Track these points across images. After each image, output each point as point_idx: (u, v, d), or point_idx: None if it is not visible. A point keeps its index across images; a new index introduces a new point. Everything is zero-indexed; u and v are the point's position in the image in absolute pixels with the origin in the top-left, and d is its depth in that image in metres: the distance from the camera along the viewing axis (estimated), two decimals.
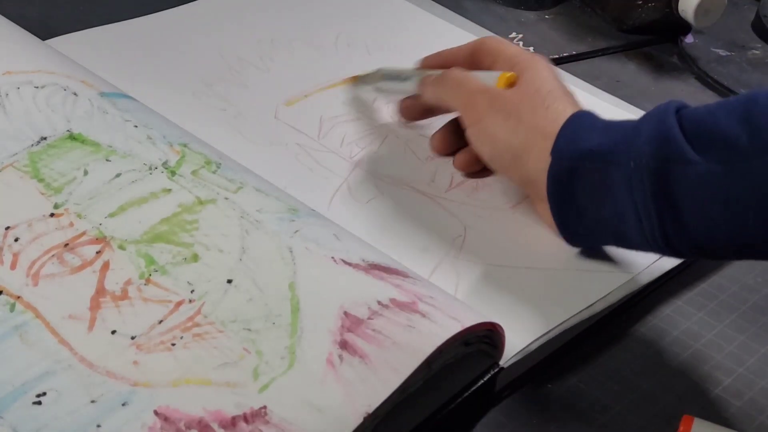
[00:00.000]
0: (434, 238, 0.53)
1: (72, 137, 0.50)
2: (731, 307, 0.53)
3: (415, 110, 0.59)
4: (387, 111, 0.62)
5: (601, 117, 0.49)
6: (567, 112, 0.49)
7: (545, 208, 0.50)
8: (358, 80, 0.63)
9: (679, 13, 0.74)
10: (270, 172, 0.53)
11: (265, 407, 0.38)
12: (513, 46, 0.55)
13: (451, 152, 0.58)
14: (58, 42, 0.65)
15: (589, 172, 0.47)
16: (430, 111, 0.58)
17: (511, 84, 0.52)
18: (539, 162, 0.49)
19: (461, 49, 0.58)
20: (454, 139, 0.57)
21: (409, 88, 0.58)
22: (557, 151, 0.48)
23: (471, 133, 0.53)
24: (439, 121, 0.59)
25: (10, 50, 0.56)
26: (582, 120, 0.49)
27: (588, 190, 0.47)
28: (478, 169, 0.57)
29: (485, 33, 0.74)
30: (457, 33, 0.74)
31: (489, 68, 0.55)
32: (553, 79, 0.52)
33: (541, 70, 0.52)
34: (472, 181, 0.58)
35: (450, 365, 0.42)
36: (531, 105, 0.50)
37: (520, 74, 0.52)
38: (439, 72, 0.56)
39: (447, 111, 0.57)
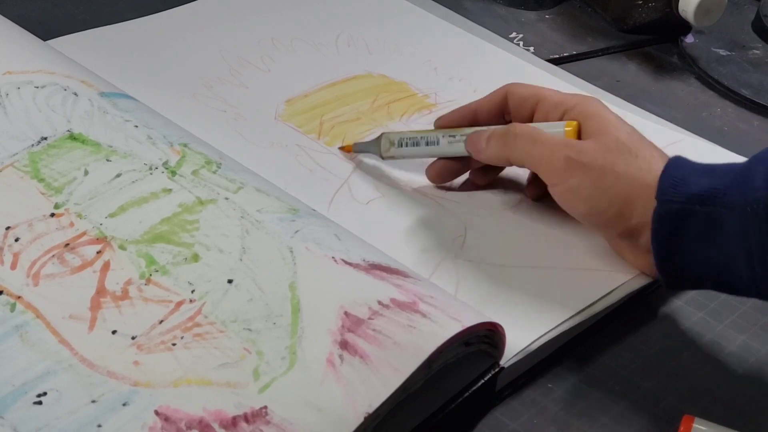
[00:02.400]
0: (434, 238, 0.53)
1: (72, 137, 0.50)
2: (731, 307, 0.53)
3: (450, 172, 0.56)
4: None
5: (693, 160, 0.48)
6: (656, 157, 0.48)
7: (639, 257, 0.50)
8: (354, 149, 0.58)
9: (680, 12, 0.74)
10: (270, 173, 0.53)
11: (265, 407, 0.38)
12: (549, 91, 0.53)
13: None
14: (59, 43, 0.65)
15: (698, 216, 0.46)
16: (465, 168, 0.56)
17: (578, 132, 0.51)
18: (643, 215, 0.47)
19: (485, 102, 0.55)
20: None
21: (441, 151, 0.55)
22: (663, 194, 0.47)
23: (558, 192, 0.50)
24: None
25: (10, 50, 0.56)
26: (682, 164, 0.48)
27: (696, 233, 0.46)
28: (485, 183, 0.57)
29: (486, 33, 0.74)
30: (457, 32, 0.74)
31: (526, 117, 0.53)
32: (621, 121, 0.50)
33: (605, 115, 0.51)
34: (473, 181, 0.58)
35: (450, 365, 0.42)
36: (620, 157, 0.48)
37: (581, 121, 0.51)
38: (480, 129, 0.53)
39: (504, 166, 0.55)
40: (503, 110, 0.55)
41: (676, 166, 0.48)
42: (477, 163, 0.55)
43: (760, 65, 0.76)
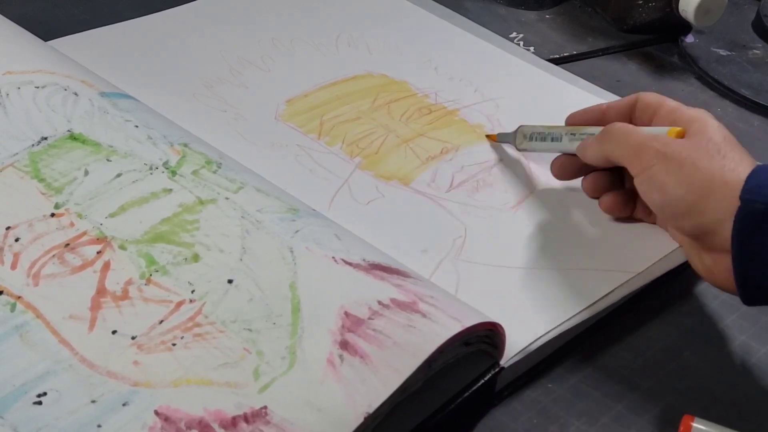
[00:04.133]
0: (435, 239, 0.53)
1: (73, 137, 0.50)
2: (731, 307, 0.53)
3: (571, 169, 0.57)
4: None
5: None
6: (745, 161, 0.48)
7: (716, 259, 0.48)
8: (498, 138, 0.61)
9: (680, 12, 0.74)
10: (270, 173, 0.53)
11: (265, 407, 0.38)
12: (672, 101, 0.53)
13: (596, 195, 0.56)
14: (59, 43, 0.65)
15: None
16: (586, 168, 0.56)
17: (681, 137, 0.50)
18: (718, 211, 0.47)
19: (616, 105, 0.56)
20: (605, 183, 0.56)
21: (563, 147, 0.56)
22: (748, 193, 0.46)
23: (640, 182, 0.50)
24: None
25: (10, 50, 0.56)
26: None
27: None
28: (627, 215, 0.56)
29: (486, 33, 0.74)
30: (457, 32, 0.74)
31: (647, 124, 0.53)
32: (722, 129, 0.50)
33: (708, 120, 0.50)
34: (473, 181, 0.58)
35: (450, 365, 0.42)
36: (706, 153, 0.48)
37: (686, 127, 0.51)
38: (597, 129, 0.53)
39: (610, 167, 0.54)
40: (631, 115, 0.55)
41: (765, 170, 0.47)
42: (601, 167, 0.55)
43: (760, 65, 0.76)
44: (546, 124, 0.58)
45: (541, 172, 0.59)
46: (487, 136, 0.62)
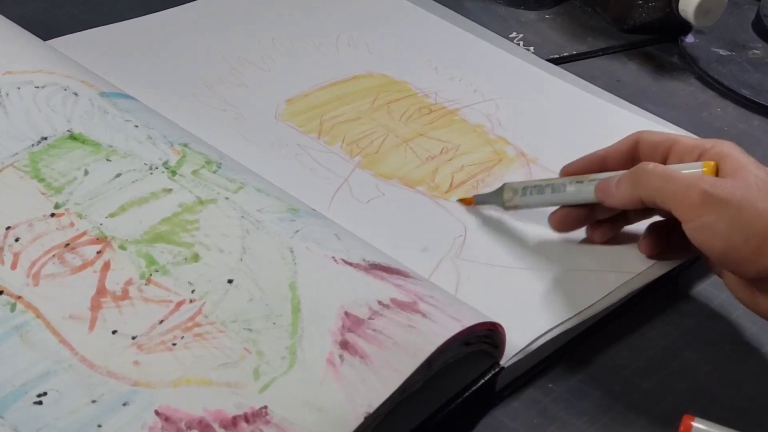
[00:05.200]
0: (434, 238, 0.53)
1: (72, 137, 0.50)
2: (732, 307, 0.53)
3: (573, 220, 0.54)
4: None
5: None
6: None
7: None
8: (475, 201, 0.56)
9: (680, 12, 0.74)
10: (270, 173, 0.53)
11: (265, 407, 0.38)
12: (682, 136, 0.52)
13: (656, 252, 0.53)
14: (59, 42, 0.65)
15: None
16: (591, 216, 0.54)
17: (715, 173, 0.48)
18: None
19: (614, 149, 0.53)
20: (661, 238, 0.53)
21: (566, 198, 0.52)
22: None
23: (692, 228, 0.47)
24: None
25: (10, 50, 0.56)
26: None
27: None
28: (659, 252, 0.53)
29: (486, 33, 0.74)
30: (457, 32, 0.74)
31: (659, 162, 0.50)
32: (756, 162, 0.48)
33: (740, 155, 0.49)
34: (473, 181, 0.58)
35: (450, 365, 0.42)
36: (761, 194, 0.46)
37: (718, 162, 0.48)
38: (607, 175, 0.51)
39: (637, 210, 0.52)
40: (634, 157, 0.52)
41: None
42: (602, 212, 0.53)
43: (760, 65, 0.76)
44: (534, 179, 0.55)
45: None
46: (460, 201, 0.56)
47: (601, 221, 0.54)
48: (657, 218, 0.53)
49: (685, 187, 0.47)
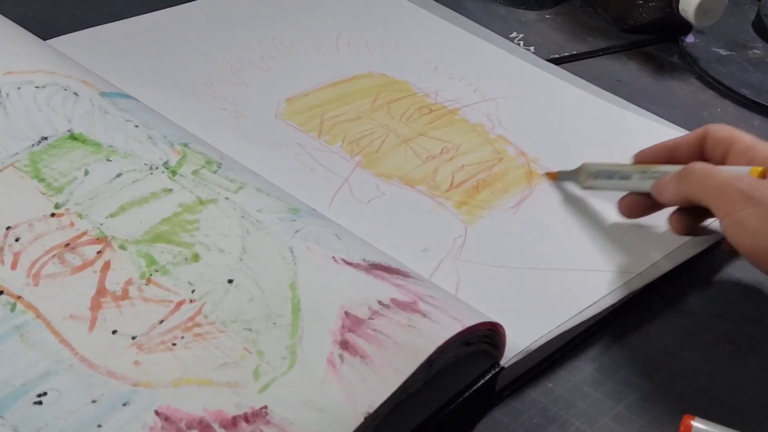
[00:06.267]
0: (435, 238, 0.53)
1: (73, 137, 0.50)
2: (732, 308, 0.53)
3: (641, 207, 0.55)
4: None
5: None
6: None
7: None
8: (558, 176, 0.58)
9: (680, 12, 0.74)
10: (271, 172, 0.53)
11: (265, 407, 0.38)
12: (746, 135, 0.52)
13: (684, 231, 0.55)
14: (59, 42, 0.65)
15: None
16: (657, 206, 0.54)
17: (763, 177, 0.49)
18: None
19: (684, 140, 0.54)
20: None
21: (632, 186, 0.54)
22: None
23: (727, 225, 0.48)
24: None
25: (10, 50, 0.56)
26: None
27: None
28: (682, 231, 0.55)
29: (486, 32, 0.74)
30: (457, 32, 0.74)
31: (720, 159, 0.52)
32: None
33: None
34: (473, 181, 0.58)
35: (450, 365, 0.42)
36: None
37: (766, 165, 0.49)
38: (670, 168, 0.52)
39: (685, 206, 0.53)
40: (702, 150, 0.53)
41: None
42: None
43: (760, 65, 0.76)
44: (611, 162, 0.56)
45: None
46: (547, 175, 0.59)
47: (680, 213, 0.55)
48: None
49: (723, 185, 0.48)
